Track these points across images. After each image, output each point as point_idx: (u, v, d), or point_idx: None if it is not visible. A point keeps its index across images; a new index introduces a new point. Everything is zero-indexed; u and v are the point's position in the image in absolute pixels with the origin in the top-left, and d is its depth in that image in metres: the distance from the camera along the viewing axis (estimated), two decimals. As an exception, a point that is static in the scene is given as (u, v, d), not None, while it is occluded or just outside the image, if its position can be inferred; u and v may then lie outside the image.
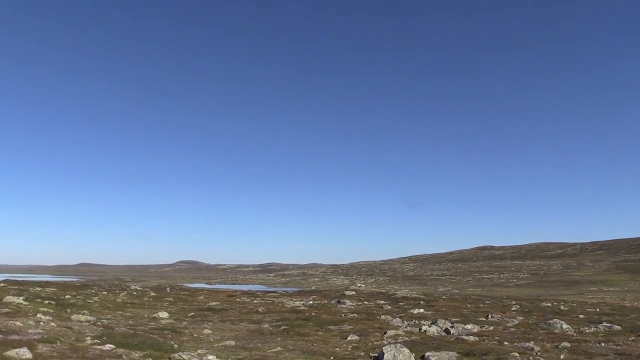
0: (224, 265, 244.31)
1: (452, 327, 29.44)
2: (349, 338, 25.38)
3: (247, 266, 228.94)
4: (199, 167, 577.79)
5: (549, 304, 49.18)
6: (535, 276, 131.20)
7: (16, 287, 47.53)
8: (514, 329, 29.27)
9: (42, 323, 22.24)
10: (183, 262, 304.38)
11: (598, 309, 43.97)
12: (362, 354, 21.44)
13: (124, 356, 17.10)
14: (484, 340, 24.58)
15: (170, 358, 18.30)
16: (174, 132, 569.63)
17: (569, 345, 22.54)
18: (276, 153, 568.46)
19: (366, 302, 48.76)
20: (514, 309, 43.51)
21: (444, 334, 28.19)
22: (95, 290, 54.24)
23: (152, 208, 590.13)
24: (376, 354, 20.92)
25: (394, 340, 25.07)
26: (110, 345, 18.52)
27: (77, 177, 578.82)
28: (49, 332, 20.45)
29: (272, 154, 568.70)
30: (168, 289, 69.08)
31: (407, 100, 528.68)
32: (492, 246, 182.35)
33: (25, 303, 32.45)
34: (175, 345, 21.10)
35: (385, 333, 27.34)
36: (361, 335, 26.16)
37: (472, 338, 24.97)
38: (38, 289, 48.30)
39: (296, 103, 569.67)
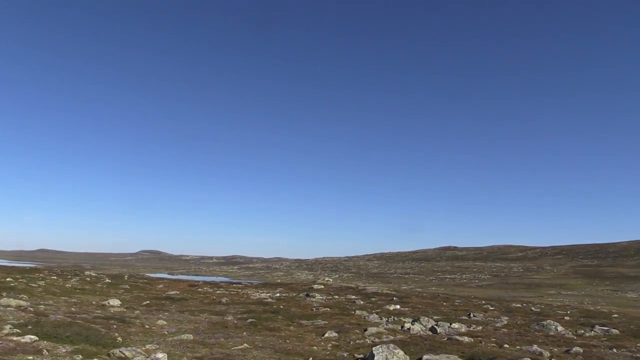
0: (188, 256, 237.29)
1: (437, 325, 25.82)
2: (326, 335, 21.51)
3: (211, 258, 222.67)
4: (166, 157, 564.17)
5: (519, 305, 46.21)
6: (496, 277, 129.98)
7: (-47, 267, 42.08)
8: (506, 330, 25.84)
9: (-50, 307, 17.68)
10: (146, 251, 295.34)
11: (569, 311, 41.14)
12: (344, 354, 17.58)
13: (44, 351, 12.82)
14: (481, 342, 21.01)
15: (109, 354, 14.09)
16: (141, 118, 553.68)
17: (582, 351, 19.13)
18: (244, 145, 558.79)
19: (336, 297, 44.99)
20: (492, 308, 40.34)
21: (430, 332, 24.57)
22: (45, 275, 49.05)
23: (115, 196, 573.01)
24: (362, 355, 17.11)
25: (376, 339, 21.35)
26: (31, 337, 14.20)
27: (41, 162, 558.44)
28: (-45, 318, 15.97)
29: (240, 146, 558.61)
30: (126, 276, 63.98)
31: (384, 94, 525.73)
32: (456, 247, 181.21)
33: (-48, 284, 27.53)
34: (119, 338, 16.84)
35: (365, 330, 23.56)
36: (340, 332, 22.31)
37: (465, 339, 21.37)
38: (-22, 270, 42.98)
39: (267, 93, 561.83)
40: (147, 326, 21.48)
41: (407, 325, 25.89)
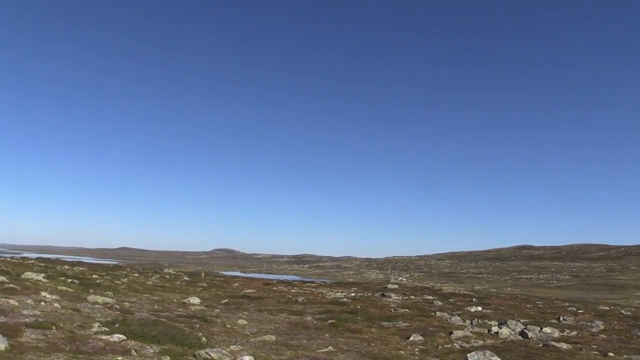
0: (260, 254, 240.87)
1: (527, 329, 24.14)
2: (411, 338, 20.45)
3: (282, 257, 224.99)
4: (239, 158, 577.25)
5: (606, 307, 43.14)
6: (576, 278, 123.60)
7: (44, 264, 44.01)
8: (605, 336, 23.80)
9: (43, 303, 17.96)
10: (219, 250, 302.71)
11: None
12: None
13: (133, 351, 12.55)
14: (581, 350, 19.32)
15: (194, 355, 13.73)
16: (214, 121, 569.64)
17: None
18: (314, 145, 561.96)
19: (412, 297, 43.67)
20: (580, 311, 37.77)
21: (520, 337, 22.97)
22: (127, 272, 50.52)
23: (191, 196, 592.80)
24: (454, 362, 15.99)
25: (464, 343, 20.06)
26: (120, 336, 14.02)
27: (123, 165, 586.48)
28: (47, 315, 16.11)
29: (310, 147, 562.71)
30: (203, 274, 65.17)
31: (446, 91, 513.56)
32: (532, 246, 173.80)
33: (44, 280, 28.47)
34: (203, 339, 16.52)
35: (451, 334, 22.30)
36: (425, 335, 21.18)
37: (563, 345, 19.72)
38: (66, 267, 44.72)
39: (335, 94, 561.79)
40: (228, 326, 21.20)
41: (494, 329, 24.39)
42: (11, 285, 21.77)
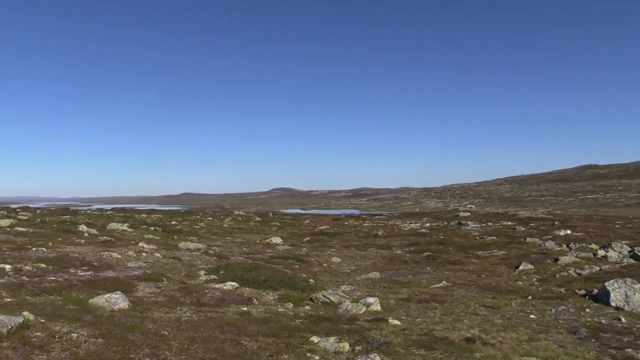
0: (317, 191, 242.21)
1: (636, 251, 22.21)
2: (521, 267, 18.99)
3: (339, 191, 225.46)
4: (293, 97, 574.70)
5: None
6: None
7: (122, 214, 44.58)
8: None
9: (144, 254, 17.37)
10: (278, 189, 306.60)
11: None
12: (562, 290, 14.99)
13: (254, 300, 11.62)
14: None
15: (311, 299, 12.74)
16: (275, 65, 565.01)
17: None
18: (368, 79, 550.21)
19: (490, 224, 41.98)
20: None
21: (632, 260, 21.10)
22: (200, 217, 50.83)
23: (248, 137, 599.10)
24: (585, 291, 14.43)
25: (579, 270, 18.40)
26: (232, 284, 13.17)
27: (181, 116, 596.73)
28: (153, 266, 15.47)
29: (363, 81, 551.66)
30: (271, 214, 65.28)
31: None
32: (596, 165, 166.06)
33: (130, 230, 28.36)
34: (311, 280, 15.59)
35: (557, 260, 20.71)
36: (533, 264, 19.64)
37: (692, 266, 17.80)
38: (144, 216, 45.24)
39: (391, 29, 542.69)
40: (324, 264, 20.31)
41: (600, 253, 22.59)
42: (105, 237, 21.47)
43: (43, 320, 7.75)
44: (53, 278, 11.89)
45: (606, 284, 13.61)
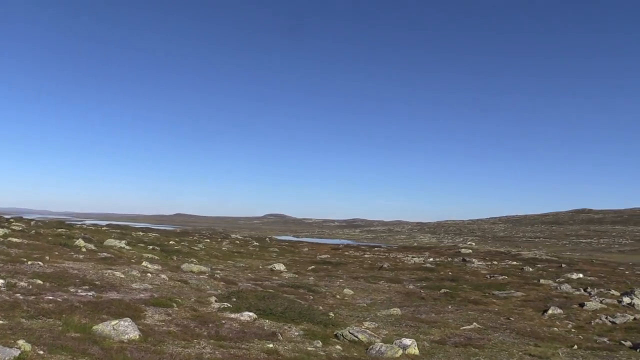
0: (310, 219, 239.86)
1: (664, 300, 20.90)
2: (550, 312, 17.59)
3: (333, 221, 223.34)
4: (288, 124, 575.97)
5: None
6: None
7: (119, 231, 42.87)
8: None
9: (149, 274, 15.82)
10: (271, 215, 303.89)
11: None
12: (605, 340, 13.59)
13: (279, 335, 10.14)
14: None
15: (336, 335, 11.29)
16: (263, 88, 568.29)
17: None
18: (364, 110, 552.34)
19: (495, 262, 40.55)
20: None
21: (662, 310, 19.73)
22: (198, 238, 49.14)
23: (243, 162, 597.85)
24: (632, 342, 13.05)
25: (610, 317, 17.02)
26: (250, 314, 11.70)
27: (173, 136, 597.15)
28: (160, 288, 13.94)
29: (360, 111, 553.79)
30: (267, 239, 63.62)
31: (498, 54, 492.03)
32: (590, 209, 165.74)
33: (127, 247, 26.78)
34: (331, 314, 14.08)
35: (582, 305, 19.31)
36: (561, 308, 18.24)
37: None
38: (141, 234, 43.51)
39: (381, 60, 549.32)
40: (338, 297, 18.80)
41: (625, 300, 21.22)
42: (105, 254, 19.89)
43: (42, 352, 6.31)
44: (51, 297, 10.39)
45: (660, 336, 12.26)
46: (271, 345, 9.28)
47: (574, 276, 31.05)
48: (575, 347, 12.46)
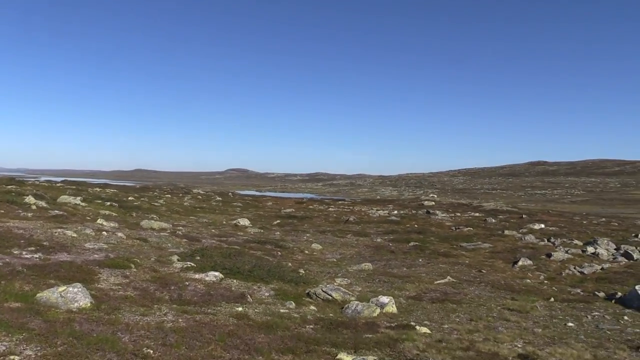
0: (273, 173, 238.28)
1: (628, 250, 21.10)
2: (520, 263, 17.36)
3: (296, 175, 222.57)
4: (253, 76, 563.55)
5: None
6: (591, 193, 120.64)
7: (74, 187, 40.92)
8: None
9: (105, 233, 14.65)
10: (233, 169, 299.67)
11: None
12: (579, 291, 13.36)
13: (248, 296, 9.32)
14: None
15: (309, 294, 10.55)
16: (239, 41, 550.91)
17: None
18: (327, 60, 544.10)
19: (458, 214, 40.66)
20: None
21: (625, 259, 19.90)
22: (158, 193, 47.53)
23: (204, 116, 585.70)
24: (605, 293, 12.82)
25: (579, 268, 16.92)
26: (215, 274, 10.79)
27: (134, 84, 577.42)
28: (116, 248, 12.85)
29: (323, 61, 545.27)
30: (230, 194, 62.39)
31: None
32: (545, 161, 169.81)
33: (83, 204, 25.30)
34: (301, 271, 13.35)
35: (549, 256, 19.22)
36: (530, 259, 18.05)
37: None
38: (98, 189, 41.72)
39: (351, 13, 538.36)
40: (306, 252, 18.09)
41: (589, 250, 21.29)
42: (57, 211, 18.50)
43: (-31, 329, 5.25)
44: (-10, 261, 9.21)
45: (636, 287, 12.01)
46: (240, 309, 8.45)
47: (536, 227, 31.25)
48: (552, 299, 12.12)
